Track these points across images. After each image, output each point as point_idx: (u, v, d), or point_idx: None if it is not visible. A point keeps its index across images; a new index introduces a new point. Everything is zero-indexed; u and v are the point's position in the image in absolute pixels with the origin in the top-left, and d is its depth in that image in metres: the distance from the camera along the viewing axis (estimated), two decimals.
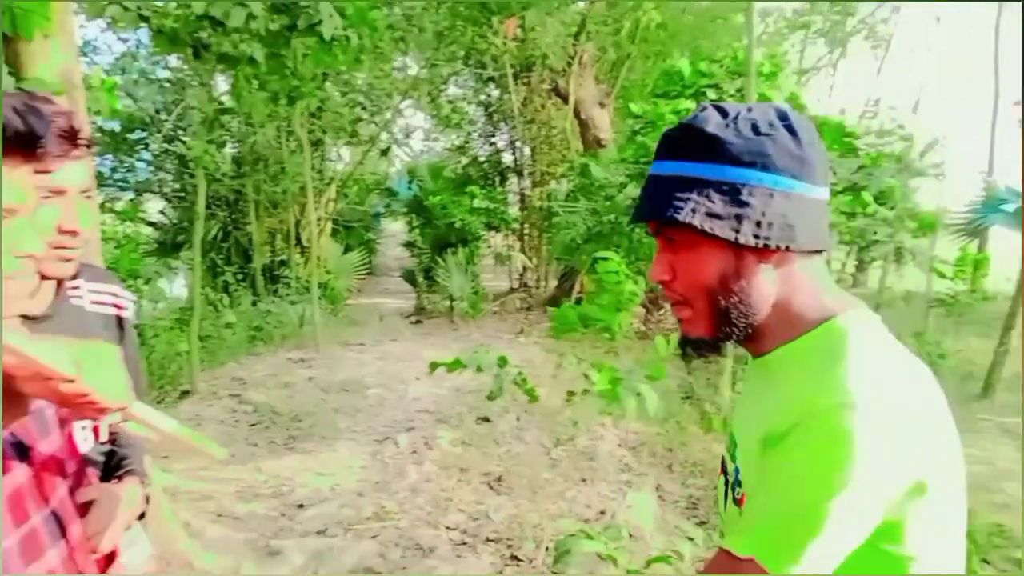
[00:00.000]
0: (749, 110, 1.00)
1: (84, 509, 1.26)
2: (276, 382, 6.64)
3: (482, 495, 4.40)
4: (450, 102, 12.59)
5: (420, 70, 10.99)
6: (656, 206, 1.00)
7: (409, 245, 12.39)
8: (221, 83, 9.39)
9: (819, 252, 1.02)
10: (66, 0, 3.37)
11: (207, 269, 9.55)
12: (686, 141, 1.01)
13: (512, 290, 12.21)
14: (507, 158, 13.23)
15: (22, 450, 1.07)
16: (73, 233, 1.31)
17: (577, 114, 10.22)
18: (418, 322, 10.51)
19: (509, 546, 3.77)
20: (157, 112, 10.00)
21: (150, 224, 11.51)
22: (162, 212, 11.60)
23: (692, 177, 0.99)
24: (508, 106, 11.84)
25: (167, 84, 9.77)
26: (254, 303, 9.47)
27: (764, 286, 1.00)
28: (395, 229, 15.88)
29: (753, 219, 0.96)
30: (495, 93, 12.74)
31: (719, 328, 1.03)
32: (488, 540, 3.84)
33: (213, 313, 8.61)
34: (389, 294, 13.19)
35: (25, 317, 1.30)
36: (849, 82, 26.58)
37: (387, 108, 11.31)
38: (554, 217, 8.84)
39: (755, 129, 0.98)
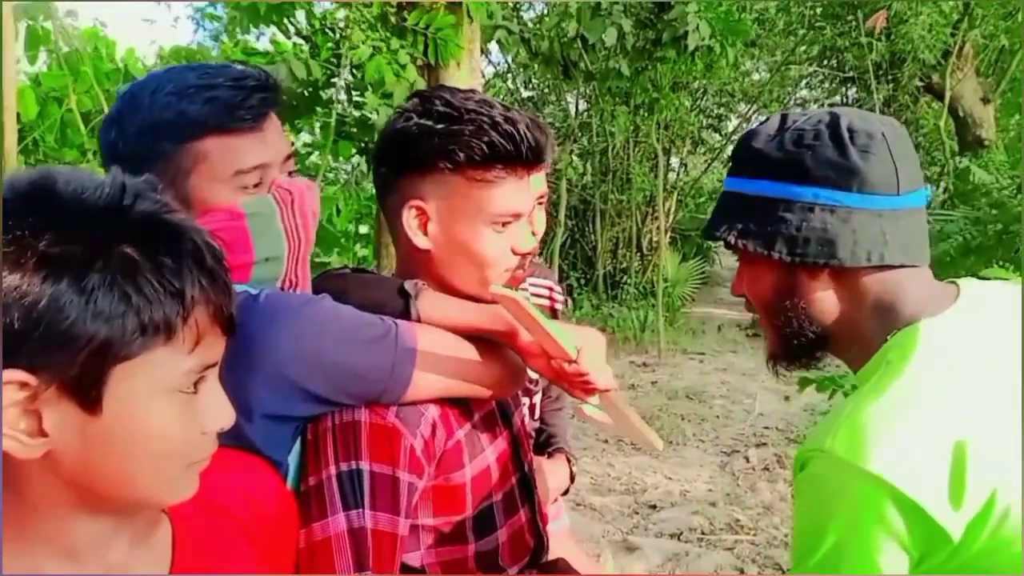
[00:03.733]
0: (806, 119, 0.97)
1: None
2: (621, 384, 6.85)
3: None
4: (800, 105, 11.99)
5: (772, 74, 10.62)
6: (709, 221, 1.03)
7: None
8: (570, 98, 9.97)
9: (898, 267, 0.95)
10: (473, 28, 3.80)
11: None
12: (737, 155, 1.02)
13: None
14: None
15: (506, 417, 1.22)
16: (533, 234, 1.48)
17: (953, 112, 9.12)
18: (756, 335, 10.16)
19: None
20: None
21: None
22: None
23: (737, 193, 1.00)
24: (869, 107, 10.94)
25: (528, 102, 10.61)
26: (596, 307, 9.89)
27: (822, 304, 0.98)
28: None
29: (787, 235, 0.94)
30: (852, 93, 11.86)
31: (783, 344, 1.03)
32: None
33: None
34: (724, 304, 12.89)
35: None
36: None
37: (734, 115, 11.11)
38: None
39: (798, 141, 0.95)
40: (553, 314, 1.73)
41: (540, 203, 1.53)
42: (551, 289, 1.74)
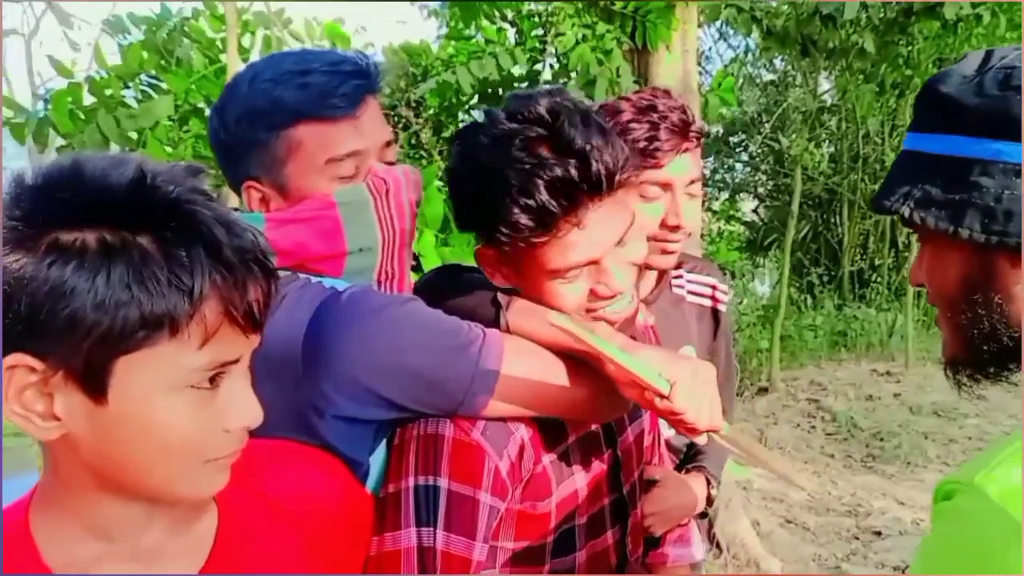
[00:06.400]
0: (1017, 55, 0.76)
1: (648, 487, 1.27)
2: (858, 393, 6.24)
3: None
4: None
5: None
6: (879, 189, 0.83)
7: None
8: (823, 82, 9.21)
9: None
10: (687, 8, 3.60)
11: (792, 268, 9.52)
12: (922, 105, 0.82)
13: None
14: None
15: (611, 437, 1.11)
16: (676, 228, 1.34)
17: None
18: None
19: None
20: (758, 114, 10.30)
21: (743, 223, 11.97)
22: (755, 211, 11.96)
23: (918, 152, 0.81)
24: None
25: (770, 86, 9.98)
26: (839, 307, 9.09)
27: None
28: None
29: (982, 207, 0.74)
30: None
31: (969, 349, 0.82)
32: None
33: (796, 313, 8.54)
34: None
35: None
36: None
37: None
38: None
39: (1004, 83, 0.74)
40: (714, 316, 1.56)
41: (690, 194, 1.35)
42: (714, 288, 1.57)
